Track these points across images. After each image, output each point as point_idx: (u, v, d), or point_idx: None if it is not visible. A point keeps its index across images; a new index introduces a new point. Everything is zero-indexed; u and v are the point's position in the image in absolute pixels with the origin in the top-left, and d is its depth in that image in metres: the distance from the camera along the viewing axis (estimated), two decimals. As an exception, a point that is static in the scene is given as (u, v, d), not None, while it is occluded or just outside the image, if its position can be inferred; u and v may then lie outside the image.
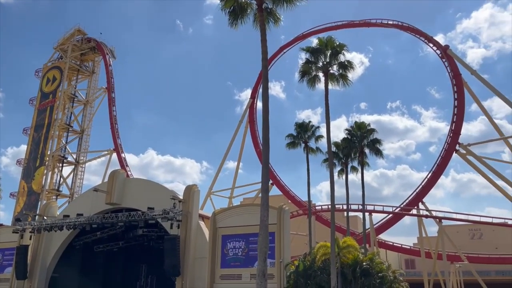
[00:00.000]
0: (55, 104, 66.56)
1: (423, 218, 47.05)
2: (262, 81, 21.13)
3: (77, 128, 68.49)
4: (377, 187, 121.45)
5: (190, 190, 35.21)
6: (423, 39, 54.36)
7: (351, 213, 44.54)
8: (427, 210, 47.12)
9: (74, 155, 67.69)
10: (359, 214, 49.88)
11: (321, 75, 27.99)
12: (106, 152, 65.85)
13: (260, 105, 62.23)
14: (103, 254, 40.99)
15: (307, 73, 28.10)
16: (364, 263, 25.81)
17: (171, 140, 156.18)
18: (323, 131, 37.67)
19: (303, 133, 37.06)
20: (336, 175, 36.66)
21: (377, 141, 37.32)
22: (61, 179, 65.46)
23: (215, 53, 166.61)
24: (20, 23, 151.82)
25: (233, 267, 32.58)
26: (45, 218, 39.21)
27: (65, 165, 66.92)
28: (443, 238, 44.87)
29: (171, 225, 32.65)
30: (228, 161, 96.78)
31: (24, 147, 72.45)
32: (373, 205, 49.23)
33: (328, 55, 27.74)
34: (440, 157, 48.08)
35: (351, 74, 28.35)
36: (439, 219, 45.83)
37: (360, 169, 37.78)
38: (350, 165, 37.93)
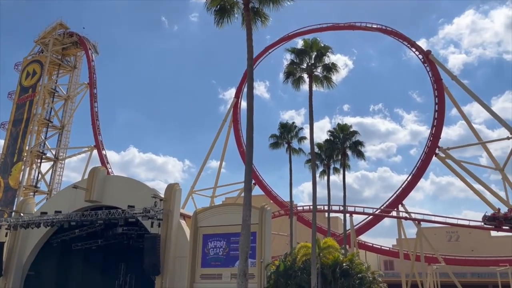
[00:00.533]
0: (35, 98, 65.18)
1: (403, 220, 47.78)
2: (247, 81, 21.10)
3: (57, 123, 67.19)
4: (358, 189, 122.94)
5: (171, 188, 34.95)
6: (406, 44, 55.18)
7: (332, 214, 44.91)
8: (407, 212, 47.86)
9: (53, 151, 66.41)
10: (340, 215, 50.30)
11: (305, 76, 28.12)
12: (86, 148, 64.89)
13: (244, 104, 62.29)
14: (81, 252, 40.33)
15: (292, 74, 28.20)
16: (344, 264, 26.05)
17: (153, 137, 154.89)
18: (306, 132, 37.91)
19: (286, 134, 37.16)
20: (318, 176, 36.95)
21: (359, 143, 37.68)
22: (39, 175, 64.19)
23: (200, 51, 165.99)
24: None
25: (213, 266, 32.48)
26: (22, 215, 38.32)
27: (43, 161, 65.61)
28: (422, 240, 45.63)
29: (151, 224, 32.35)
30: (211, 160, 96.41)
31: (1, 142, 70.90)
32: (354, 207, 49.83)
33: (313, 57, 27.87)
34: (420, 160, 48.88)
35: (335, 76, 28.57)
36: (418, 221, 46.58)
37: (341, 171, 38.10)
38: (332, 167, 38.23)
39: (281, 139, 37.28)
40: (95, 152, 63.50)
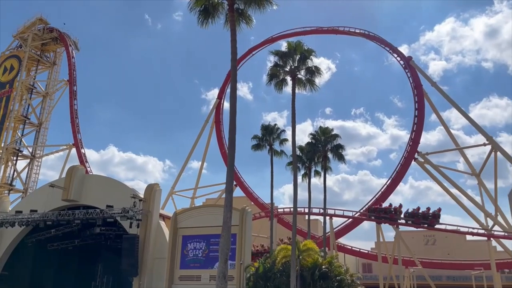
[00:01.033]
0: (12, 94, 63.69)
1: (381, 223, 48.29)
2: (230, 82, 21.01)
3: (34, 120, 65.74)
4: (338, 192, 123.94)
5: (151, 189, 34.63)
6: (388, 49, 55.92)
7: (312, 217, 45.09)
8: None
9: (30, 149, 64.95)
10: (320, 217, 50.58)
11: (288, 79, 28.20)
12: (65, 146, 63.62)
13: (227, 105, 62.16)
14: (57, 252, 39.52)
15: (275, 76, 28.25)
16: (323, 266, 26.17)
17: (133, 136, 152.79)
18: (288, 134, 37.97)
19: (268, 136, 37.18)
20: (299, 178, 37.05)
21: (340, 146, 37.98)
22: (15, 173, 62.65)
23: (183, 51, 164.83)
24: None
25: (192, 268, 32.27)
26: (-4, 213, 37.39)
27: (19, 158, 64.14)
28: (399, 243, 46.22)
29: (130, 224, 31.97)
30: (192, 160, 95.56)
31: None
32: (334, 209, 50.04)
33: (296, 60, 27.98)
34: (399, 165, 49.54)
35: (318, 79, 28.75)
36: (396, 225, 47.15)
37: (322, 173, 38.32)
38: (313, 169, 38.40)
39: (263, 141, 37.28)
40: (74, 150, 62.32)
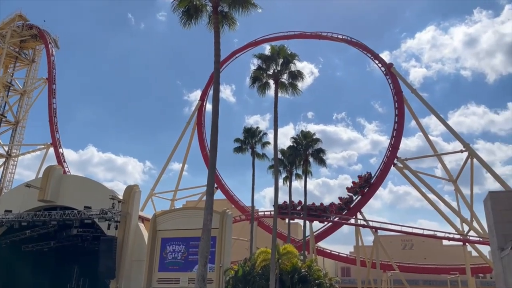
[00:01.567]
0: (-12, 91, 62.15)
1: (360, 227, 48.84)
2: (213, 84, 20.95)
3: (11, 119, 64.19)
4: (318, 195, 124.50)
5: (130, 190, 34.24)
6: (370, 56, 56.71)
7: (292, 220, 45.28)
8: (365, 220, 48.97)
9: (5, 148, 63.35)
10: (300, 221, 50.79)
11: (271, 82, 28.31)
12: (42, 146, 62.41)
13: (209, 107, 61.91)
14: (32, 254, 38.60)
15: (258, 80, 28.31)
16: (302, 270, 26.26)
17: (113, 137, 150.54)
18: (270, 137, 38.07)
19: (250, 139, 37.21)
20: (280, 182, 37.16)
21: (321, 150, 38.29)
22: (-10, 172, 61.06)
23: (166, 51, 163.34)
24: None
25: (171, 270, 32.00)
26: (-31, 213, 36.31)
27: (-5, 157, 62.55)
28: (378, 247, 46.79)
29: (108, 226, 31.54)
30: (173, 162, 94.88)
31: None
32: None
33: (279, 64, 28.12)
34: (379, 169, 50.20)
35: (301, 83, 28.94)
36: (375, 229, 47.74)
37: (303, 177, 38.54)
38: (294, 173, 38.58)
39: (245, 144, 37.30)
40: (51, 150, 61.18)
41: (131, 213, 33.44)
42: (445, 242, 52.97)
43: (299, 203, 49.01)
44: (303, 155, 37.87)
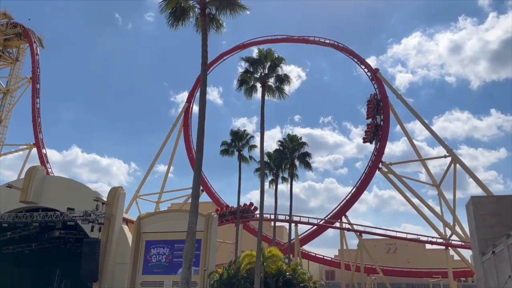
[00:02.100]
0: (-30, 90, 60.97)
1: (345, 231, 49.13)
2: (200, 86, 20.90)
3: (-7, 118, 63.05)
4: (304, 199, 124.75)
5: (115, 192, 33.90)
6: (356, 61, 57.30)
7: (278, 223, 45.34)
8: (349, 223, 49.28)
9: (-13, 147, 62.19)
10: (286, 224, 50.90)
11: (258, 85, 28.35)
12: (25, 146, 61.47)
13: (196, 109, 61.73)
14: (13, 256, 37.81)
15: (245, 83, 28.32)
16: (287, 274, 26.29)
17: (98, 137, 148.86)
18: (257, 140, 38.05)
19: (237, 142, 37.15)
20: (267, 185, 37.18)
21: (307, 154, 38.42)
22: (-30, 172, 59.90)
23: (154, 52, 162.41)
24: None
25: (155, 273, 31.74)
26: None
27: (-24, 157, 61.30)
28: (362, 251, 47.12)
29: (92, 228, 31.17)
30: (158, 164, 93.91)
31: None
32: (299, 216, 50.55)
33: (266, 67, 28.18)
34: (364, 174, 50.64)
35: (288, 87, 29.04)
36: (360, 233, 48.08)
37: (289, 180, 38.61)
38: (280, 176, 38.63)
39: (232, 147, 37.23)
40: (34, 150, 60.31)
41: (115, 215, 33.11)
42: (428, 246, 53.69)
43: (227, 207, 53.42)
44: (290, 158, 37.94)
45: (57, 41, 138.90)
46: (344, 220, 49.29)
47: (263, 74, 28.10)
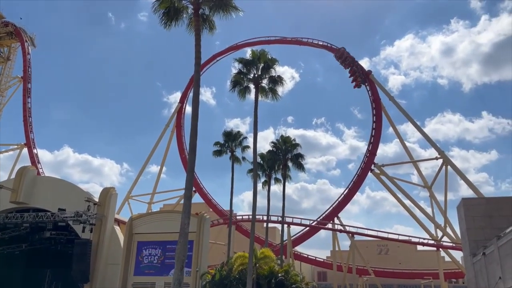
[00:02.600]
0: (-40, 89, 60.31)
1: (337, 232, 49.26)
2: (193, 87, 20.86)
3: (-17, 117, 62.45)
4: (297, 200, 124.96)
5: (107, 192, 33.73)
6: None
7: (270, 224, 45.35)
8: (341, 225, 49.41)
9: (-23, 147, 61.59)
10: (278, 225, 50.93)
11: (252, 86, 28.36)
12: (15, 146, 60.90)
13: (189, 109, 61.62)
14: (3, 257, 37.44)
15: (239, 84, 28.33)
16: (279, 275, 26.30)
17: (90, 137, 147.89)
18: (250, 141, 38.05)
19: (230, 142, 37.12)
20: (259, 186, 37.19)
21: (300, 156, 38.49)
22: (-41, 172, 59.20)
23: (147, 52, 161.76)
24: None
25: (147, 275, 31.61)
26: None
27: (-35, 157, 60.68)
28: (354, 252, 47.28)
29: (83, 229, 30.97)
30: (151, 164, 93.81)
31: None
32: (292, 218, 50.59)
33: (260, 68, 28.21)
34: (356, 175, 50.80)
35: (281, 88, 29.09)
36: (352, 234, 48.23)
37: (282, 182, 38.64)
38: (273, 177, 38.66)
39: (225, 148, 37.20)
40: (25, 150, 59.77)
41: (107, 215, 32.94)
42: (419, 247, 53.92)
43: None
44: (282, 159, 38.00)
45: (49, 41, 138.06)
46: (336, 221, 49.40)
47: (257, 75, 28.12)
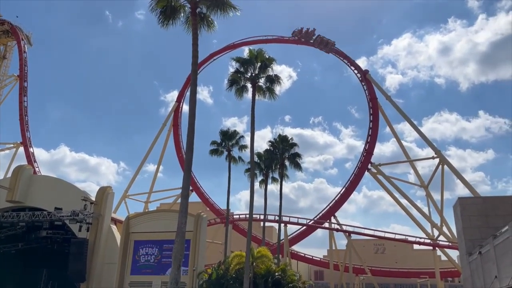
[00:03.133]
0: (-44, 87, 60.03)
1: (334, 231, 49.35)
2: (190, 86, 20.82)
3: (-21, 116, 62.24)
4: (294, 199, 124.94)
5: (103, 191, 33.64)
6: (346, 62, 57.54)
7: (267, 223, 45.35)
8: (338, 224, 49.50)
9: (-27, 146, 61.32)
10: (275, 224, 50.96)
11: (249, 85, 28.32)
12: (12, 145, 60.67)
13: (186, 108, 61.54)
14: (-1, 256, 37.37)
15: (236, 83, 28.29)
16: (276, 274, 26.32)
17: (87, 136, 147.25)
18: (247, 140, 38.04)
19: (227, 142, 37.11)
20: (256, 185, 37.17)
21: (298, 155, 38.52)
22: (-45, 171, 58.89)
23: (144, 50, 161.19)
24: None
25: (144, 274, 31.55)
26: None
27: (-39, 155, 60.41)
28: (351, 251, 47.38)
29: (79, 228, 30.86)
30: (147, 163, 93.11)
31: None
32: (289, 217, 50.66)
33: (257, 67, 28.16)
34: (353, 174, 50.89)
35: (278, 87, 29.08)
36: (349, 233, 48.33)
37: (279, 181, 38.67)
38: (270, 176, 38.67)
39: (222, 147, 37.17)
40: (22, 149, 59.55)
41: (104, 215, 32.86)
42: (416, 246, 54.10)
43: None
44: (280, 159, 38.02)
45: (46, 39, 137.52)
46: (333, 220, 49.49)
47: (254, 74, 28.08)
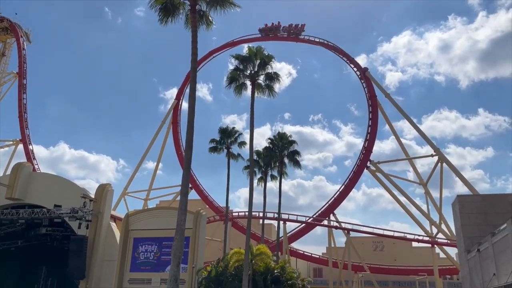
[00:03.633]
0: (-45, 84, 59.94)
1: (333, 229, 49.45)
2: (189, 83, 20.82)
3: (-22, 113, 62.16)
4: (293, 196, 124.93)
5: (103, 189, 33.65)
6: (345, 59, 57.55)
7: (266, 221, 45.43)
8: (337, 221, 49.58)
9: (-28, 143, 61.25)
10: (274, 222, 51.01)
11: (248, 83, 28.33)
12: (11, 142, 60.64)
13: (185, 106, 61.52)
14: (-2, 253, 37.39)
15: (235, 80, 28.31)
16: (275, 271, 26.40)
17: (86, 133, 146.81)
18: (246, 137, 38.10)
19: (226, 139, 37.14)
20: (256, 182, 37.21)
21: (297, 152, 38.59)
22: (-46, 168, 58.83)
23: (143, 47, 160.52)
24: None
25: (143, 271, 31.60)
26: None
27: (-40, 152, 60.37)
28: (350, 249, 47.48)
29: (79, 225, 30.90)
30: (147, 161, 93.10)
31: None
32: (288, 214, 50.71)
33: (256, 65, 28.17)
34: (352, 172, 50.94)
35: (278, 85, 29.08)
36: (348, 231, 48.43)
37: (278, 178, 38.72)
38: (269, 174, 38.72)
39: (221, 144, 37.21)
40: (21, 146, 59.55)
41: (103, 212, 32.88)
42: (414, 244, 54.17)
43: None
44: (279, 156, 38.07)
45: (45, 36, 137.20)
46: (332, 218, 49.58)
47: (253, 72, 28.09)
